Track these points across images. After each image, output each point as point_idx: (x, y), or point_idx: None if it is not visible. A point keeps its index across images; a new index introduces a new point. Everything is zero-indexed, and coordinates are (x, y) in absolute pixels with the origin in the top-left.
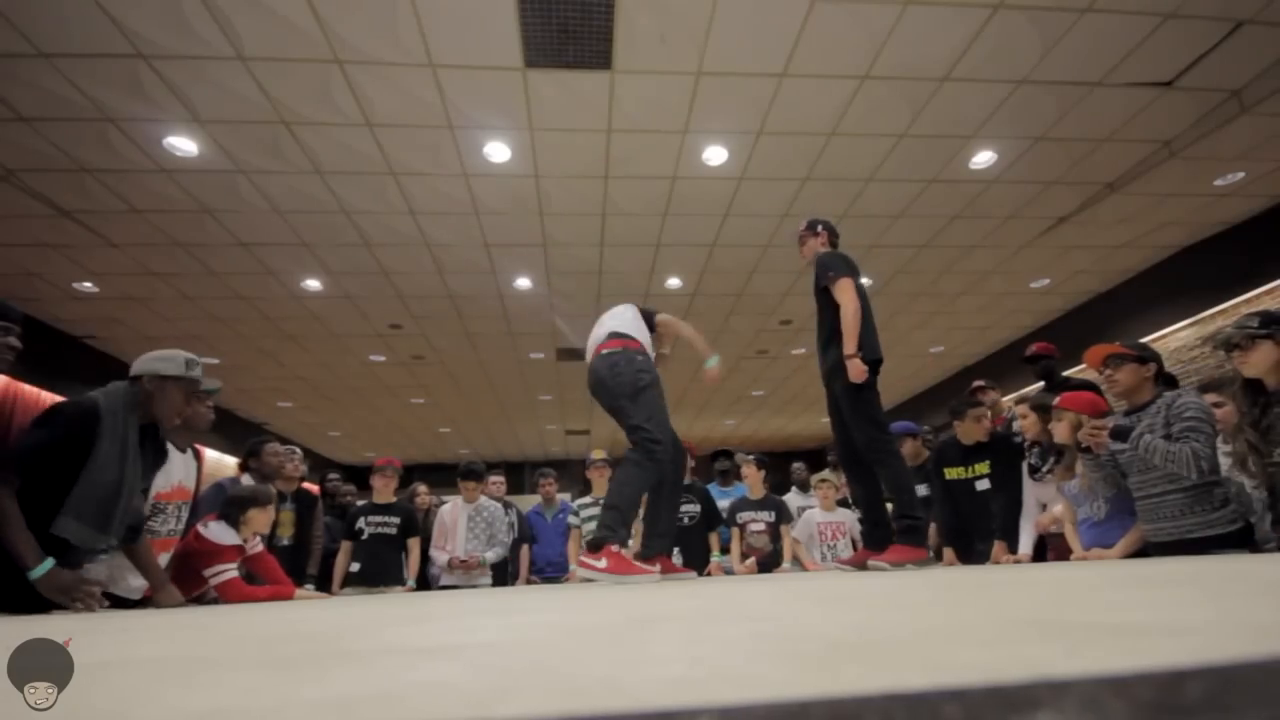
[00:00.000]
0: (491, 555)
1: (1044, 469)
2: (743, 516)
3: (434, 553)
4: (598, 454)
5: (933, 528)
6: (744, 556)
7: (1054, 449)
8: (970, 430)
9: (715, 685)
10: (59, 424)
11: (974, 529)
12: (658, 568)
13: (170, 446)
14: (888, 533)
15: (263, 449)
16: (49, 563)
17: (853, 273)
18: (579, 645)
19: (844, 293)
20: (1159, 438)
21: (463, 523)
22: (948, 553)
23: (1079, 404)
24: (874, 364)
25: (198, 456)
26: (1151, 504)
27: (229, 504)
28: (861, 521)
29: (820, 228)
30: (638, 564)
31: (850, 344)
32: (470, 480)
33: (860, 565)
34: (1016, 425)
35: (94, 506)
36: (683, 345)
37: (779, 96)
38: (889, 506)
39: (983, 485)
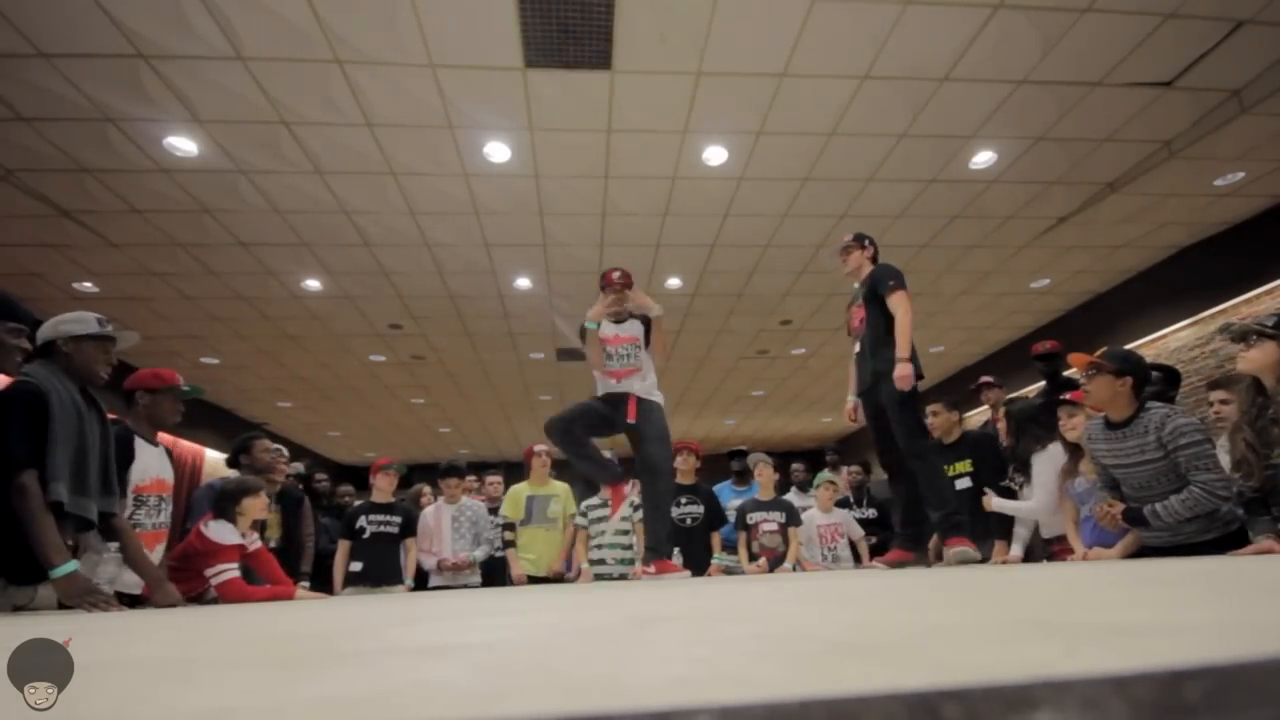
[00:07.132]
0: (479, 553)
1: (1018, 483)
2: (754, 517)
3: (421, 556)
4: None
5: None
6: (754, 557)
7: (1021, 461)
8: (943, 426)
9: (715, 685)
10: (24, 401)
11: None
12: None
13: (140, 441)
14: (921, 531)
15: (254, 445)
16: (72, 564)
17: (906, 286)
18: (579, 645)
19: (903, 303)
20: (1169, 489)
21: (447, 524)
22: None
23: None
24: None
25: (169, 450)
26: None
27: (221, 499)
28: (901, 524)
29: (868, 242)
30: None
31: (904, 350)
32: (451, 477)
33: (896, 564)
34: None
35: (69, 469)
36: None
37: (779, 96)
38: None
39: (963, 484)
